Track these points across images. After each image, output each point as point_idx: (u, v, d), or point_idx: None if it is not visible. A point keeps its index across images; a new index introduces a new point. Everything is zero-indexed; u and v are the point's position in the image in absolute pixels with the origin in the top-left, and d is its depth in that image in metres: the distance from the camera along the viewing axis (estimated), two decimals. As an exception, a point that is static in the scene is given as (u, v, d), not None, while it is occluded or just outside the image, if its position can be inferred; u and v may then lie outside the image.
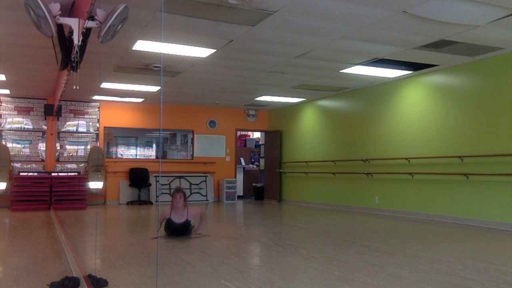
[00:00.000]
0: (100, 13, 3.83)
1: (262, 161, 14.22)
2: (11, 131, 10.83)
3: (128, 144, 12.50)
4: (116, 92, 10.37)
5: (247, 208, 11.29)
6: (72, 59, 4.56)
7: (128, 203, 11.55)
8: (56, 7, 3.77)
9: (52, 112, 10.86)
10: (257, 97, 11.10)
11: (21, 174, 10.57)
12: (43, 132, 11.11)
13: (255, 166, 14.82)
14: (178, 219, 5.70)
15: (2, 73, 8.41)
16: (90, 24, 3.83)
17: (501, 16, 5.21)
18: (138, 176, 11.67)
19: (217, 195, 12.76)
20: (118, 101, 11.53)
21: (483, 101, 7.25)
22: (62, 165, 11.24)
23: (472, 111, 7.42)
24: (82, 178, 10.90)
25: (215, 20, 5.48)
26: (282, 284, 3.53)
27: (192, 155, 12.75)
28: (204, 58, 7.24)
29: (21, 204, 9.87)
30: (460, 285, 3.48)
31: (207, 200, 12.39)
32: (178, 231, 5.71)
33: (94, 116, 11.62)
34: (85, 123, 11.54)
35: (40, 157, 11.06)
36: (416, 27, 5.65)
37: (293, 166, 12.42)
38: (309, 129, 11.82)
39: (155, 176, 11.89)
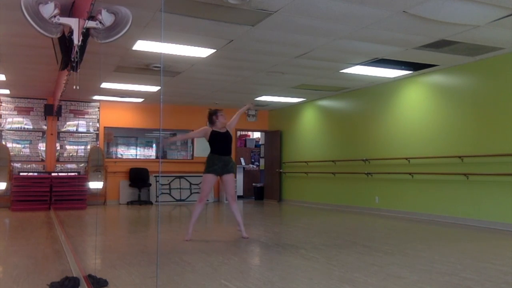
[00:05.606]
0: (106, 17, 3.80)
1: (262, 161, 14.21)
2: (11, 131, 10.82)
3: (128, 144, 12.51)
4: (116, 92, 10.37)
5: (247, 208, 11.29)
6: (72, 59, 4.56)
7: (128, 203, 11.55)
8: (49, 8, 3.74)
9: (52, 112, 10.86)
10: (257, 97, 11.10)
11: (21, 174, 10.57)
12: (43, 132, 11.10)
13: (255, 166, 14.81)
14: (221, 130, 6.01)
15: (2, 73, 8.41)
16: (90, 24, 3.83)
17: (501, 16, 5.22)
18: (138, 176, 11.67)
19: (217, 195, 12.75)
20: (118, 101, 11.53)
21: (483, 101, 7.25)
22: (62, 165, 11.24)
23: (472, 111, 7.42)
24: (82, 178, 10.90)
25: (215, 20, 5.48)
26: (282, 284, 3.53)
27: (192, 155, 12.74)
28: (204, 58, 7.24)
29: (21, 204, 9.87)
30: (460, 285, 3.48)
31: (207, 200, 12.36)
32: (222, 140, 5.94)
33: (94, 116, 11.62)
34: (85, 123, 11.54)
35: (40, 157, 11.05)
36: (416, 27, 5.65)
37: (293, 166, 12.42)
38: (309, 129, 11.82)
39: (155, 176, 11.88)
